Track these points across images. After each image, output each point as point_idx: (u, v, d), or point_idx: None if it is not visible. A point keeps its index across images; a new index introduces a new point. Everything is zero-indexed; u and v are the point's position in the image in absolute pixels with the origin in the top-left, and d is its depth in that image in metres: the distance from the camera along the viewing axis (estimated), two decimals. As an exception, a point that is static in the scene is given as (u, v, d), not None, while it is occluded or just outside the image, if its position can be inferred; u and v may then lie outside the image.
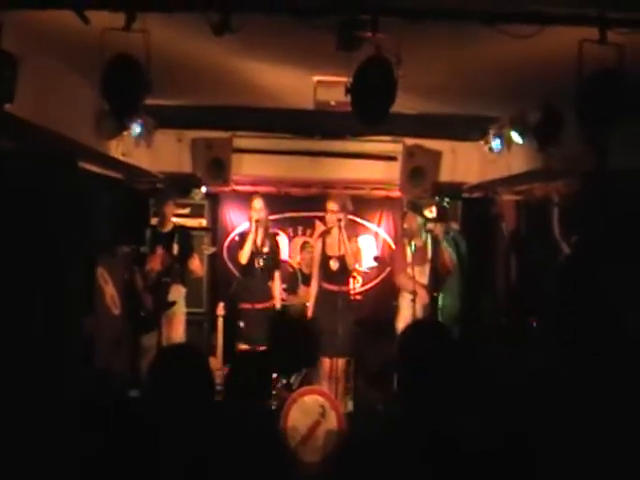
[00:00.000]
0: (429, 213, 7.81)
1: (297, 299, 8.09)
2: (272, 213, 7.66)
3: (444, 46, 4.61)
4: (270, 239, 7.27)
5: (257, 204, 7.09)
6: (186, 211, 8.35)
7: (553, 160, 5.83)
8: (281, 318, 4.99)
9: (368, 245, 8.73)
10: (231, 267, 8.52)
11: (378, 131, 7.69)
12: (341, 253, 6.96)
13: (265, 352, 4.28)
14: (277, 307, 7.25)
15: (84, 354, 5.80)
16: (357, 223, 8.60)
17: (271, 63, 5.26)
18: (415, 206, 7.44)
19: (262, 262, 7.11)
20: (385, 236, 8.95)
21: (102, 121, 5.97)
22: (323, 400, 6.01)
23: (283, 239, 8.62)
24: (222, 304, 7.53)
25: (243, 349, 7.05)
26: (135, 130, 6.61)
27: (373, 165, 8.30)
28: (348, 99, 4.08)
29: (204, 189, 8.41)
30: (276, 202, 8.26)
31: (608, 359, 4.37)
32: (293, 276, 8.43)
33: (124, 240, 6.48)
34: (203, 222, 8.50)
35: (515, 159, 6.79)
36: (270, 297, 7.22)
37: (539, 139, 5.72)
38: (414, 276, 6.96)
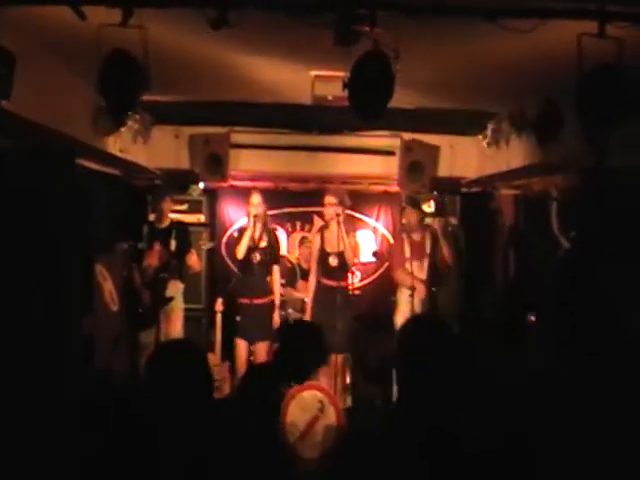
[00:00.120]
0: (427, 208, 7.81)
1: (295, 294, 8.09)
2: (270, 208, 7.64)
3: (442, 41, 4.59)
4: (269, 234, 7.25)
5: (255, 199, 7.07)
6: (184, 207, 8.32)
7: (552, 155, 5.82)
8: (292, 327, 4.97)
9: (366, 240, 8.72)
10: (229, 263, 8.50)
11: (376, 126, 7.67)
12: (340, 249, 6.95)
13: (275, 364, 4.24)
14: (276, 302, 7.23)
15: (84, 353, 5.79)
16: (355, 218, 8.58)
17: (268, 58, 5.24)
18: (413, 201, 7.42)
19: (259, 257, 7.10)
20: (383, 231, 8.93)
21: (99, 117, 5.95)
22: (322, 396, 6.00)
23: (281, 234, 8.60)
24: (220, 300, 7.52)
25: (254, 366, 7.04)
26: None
27: (371, 160, 8.28)
28: (346, 94, 4.06)
29: (202, 185, 8.40)
30: (274, 197, 8.24)
31: (607, 359, 4.36)
32: (291, 271, 8.41)
33: (122, 237, 6.47)
34: (201, 218, 8.47)
35: (514, 154, 6.77)
36: (269, 292, 7.21)
37: (538, 134, 5.71)
38: (412, 271, 6.95)
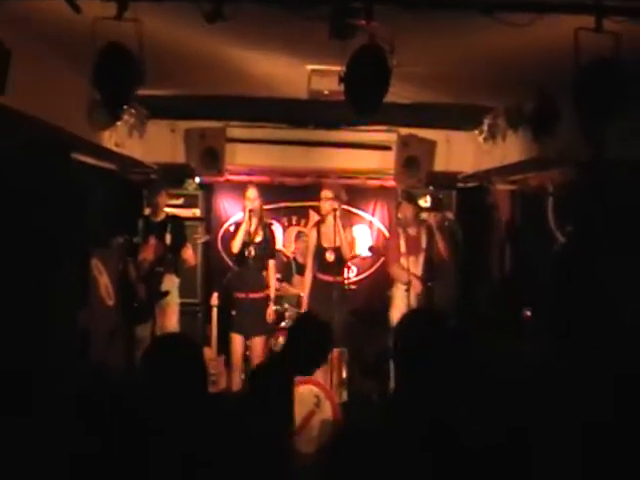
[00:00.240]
0: (423, 203, 7.81)
1: (291, 290, 8.08)
2: (266, 203, 7.62)
3: (439, 35, 4.57)
4: (264, 229, 7.24)
5: (251, 194, 7.06)
6: (180, 202, 8.29)
7: (548, 150, 5.81)
8: (304, 319, 4.93)
9: (363, 235, 8.71)
10: (225, 257, 8.48)
11: (372, 120, 7.66)
12: (336, 244, 6.94)
13: (286, 356, 4.21)
14: (271, 296, 7.22)
15: (79, 347, 5.78)
16: (351, 213, 8.57)
17: (265, 52, 5.23)
18: (409, 196, 7.40)
19: (255, 252, 7.08)
20: (380, 226, 8.92)
21: (94, 112, 5.93)
22: (318, 390, 5.99)
23: (277, 229, 8.58)
24: (216, 294, 7.51)
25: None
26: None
27: (367, 155, 8.28)
28: (342, 88, 4.05)
29: (198, 179, 8.38)
30: (270, 192, 8.22)
31: (604, 352, 4.36)
32: (287, 266, 8.41)
33: (117, 231, 6.45)
34: (197, 212, 8.44)
35: (510, 149, 6.77)
36: (264, 287, 7.19)
37: (534, 129, 5.71)
38: (409, 267, 6.94)
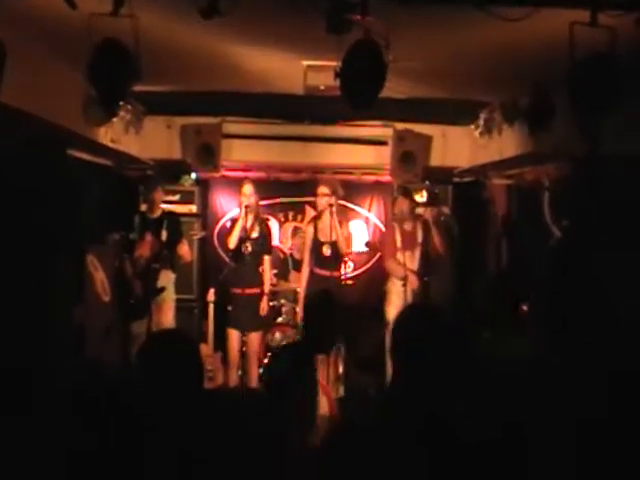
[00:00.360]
0: (420, 197, 7.81)
1: (288, 285, 8.08)
2: (262, 198, 7.61)
3: (434, 30, 4.57)
4: (260, 224, 7.23)
5: (247, 190, 7.04)
6: (176, 198, 8.28)
7: (544, 144, 5.82)
8: (323, 296, 4.84)
9: (359, 230, 8.71)
10: (221, 253, 8.48)
11: (368, 116, 7.67)
12: (333, 239, 6.94)
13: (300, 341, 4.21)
14: (265, 291, 7.20)
15: (75, 343, 5.77)
16: (348, 208, 8.57)
17: (260, 48, 5.22)
18: (405, 191, 7.40)
19: (251, 248, 7.07)
20: (376, 221, 8.93)
21: (90, 108, 5.92)
22: (315, 386, 5.99)
23: (274, 224, 8.58)
24: (212, 290, 7.49)
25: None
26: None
27: (363, 150, 8.28)
28: (338, 83, 4.04)
29: (194, 175, 8.38)
30: (266, 187, 8.22)
31: (601, 347, 4.36)
32: (284, 262, 8.41)
33: (113, 227, 6.44)
34: (193, 208, 8.43)
35: (506, 143, 6.77)
36: (261, 283, 7.19)
37: (530, 123, 5.71)
38: (405, 262, 6.93)
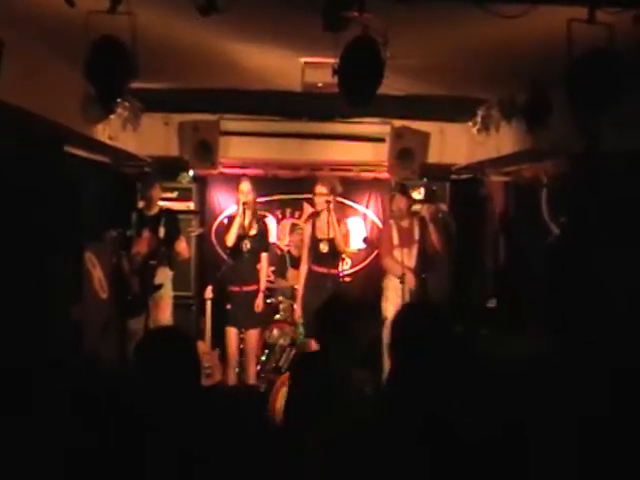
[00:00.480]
0: (417, 194, 7.81)
1: (285, 282, 8.08)
2: (260, 195, 7.62)
3: (432, 27, 4.57)
4: (258, 221, 7.23)
5: (245, 187, 7.04)
6: (174, 195, 8.27)
7: (541, 141, 5.82)
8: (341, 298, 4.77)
9: (357, 227, 8.71)
10: (219, 250, 8.48)
11: (366, 112, 7.66)
12: (331, 236, 6.94)
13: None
14: (261, 288, 7.19)
15: (73, 340, 5.77)
16: (345, 205, 8.58)
17: (258, 45, 5.22)
18: (403, 188, 7.39)
19: (249, 245, 7.07)
20: (373, 218, 8.92)
21: (88, 105, 5.92)
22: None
23: (271, 221, 8.58)
24: (210, 287, 7.49)
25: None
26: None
27: (361, 147, 8.28)
28: (335, 80, 4.04)
29: (191, 172, 8.37)
30: (264, 184, 8.22)
31: (600, 346, 4.37)
32: (281, 259, 8.40)
33: (111, 224, 6.44)
34: (191, 205, 8.42)
35: (503, 140, 6.77)
36: (258, 280, 7.19)
37: (528, 120, 5.71)
38: (402, 259, 6.92)
